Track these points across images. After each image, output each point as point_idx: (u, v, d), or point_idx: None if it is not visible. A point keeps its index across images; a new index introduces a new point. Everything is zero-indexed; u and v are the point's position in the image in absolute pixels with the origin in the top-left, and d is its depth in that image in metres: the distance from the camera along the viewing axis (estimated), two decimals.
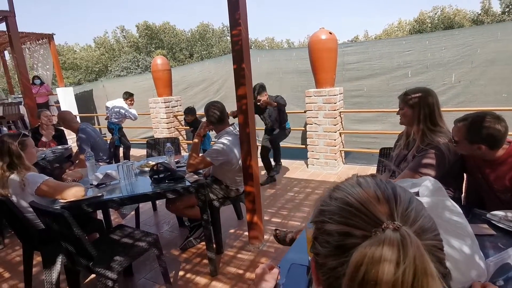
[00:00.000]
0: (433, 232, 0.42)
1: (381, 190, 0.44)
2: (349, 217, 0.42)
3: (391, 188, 0.45)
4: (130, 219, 3.13)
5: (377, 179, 0.47)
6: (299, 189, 3.81)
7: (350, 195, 0.44)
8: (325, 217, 0.45)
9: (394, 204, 0.42)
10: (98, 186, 2.19)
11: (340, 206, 0.44)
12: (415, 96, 1.71)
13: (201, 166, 2.32)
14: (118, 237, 2.03)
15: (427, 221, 0.42)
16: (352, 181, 0.48)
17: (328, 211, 0.45)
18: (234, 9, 2.11)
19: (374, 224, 0.40)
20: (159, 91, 5.88)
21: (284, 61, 5.81)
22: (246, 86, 2.22)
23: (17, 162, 1.91)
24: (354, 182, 0.47)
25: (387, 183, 0.46)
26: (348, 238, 0.41)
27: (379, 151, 2.37)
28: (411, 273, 0.35)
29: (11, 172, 1.89)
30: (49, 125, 3.79)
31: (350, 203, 0.43)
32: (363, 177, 0.48)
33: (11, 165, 1.89)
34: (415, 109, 1.70)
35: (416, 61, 4.63)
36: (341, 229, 0.42)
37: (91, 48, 30.45)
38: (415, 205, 0.43)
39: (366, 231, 0.40)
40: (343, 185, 0.47)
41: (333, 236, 0.43)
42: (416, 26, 27.53)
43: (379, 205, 0.42)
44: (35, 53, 7.83)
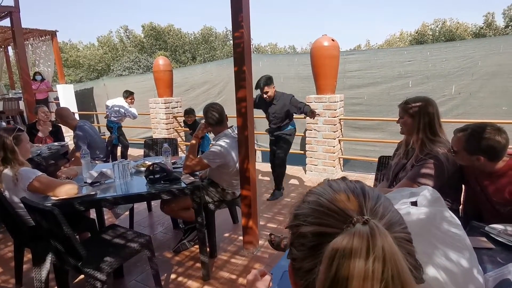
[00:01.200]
0: (401, 225, 0.44)
1: (351, 190, 0.46)
2: (321, 217, 0.43)
3: (360, 187, 0.47)
4: (124, 219, 3.09)
5: (347, 181, 0.49)
6: (296, 195, 3.77)
7: (322, 196, 0.46)
8: (299, 221, 0.46)
9: (363, 200, 0.44)
10: (92, 185, 2.15)
11: (312, 208, 0.45)
12: (415, 105, 1.70)
13: (198, 168, 2.29)
14: (110, 237, 2.00)
15: (394, 215, 0.44)
16: (323, 184, 0.50)
17: (301, 214, 0.46)
18: (237, 12, 2.10)
19: (345, 221, 0.41)
20: (159, 92, 5.87)
21: (286, 66, 5.82)
22: (246, 89, 2.21)
23: (11, 157, 1.88)
24: (325, 185, 0.49)
25: (356, 183, 0.48)
26: (322, 237, 0.42)
27: (378, 159, 2.34)
28: (380, 262, 0.36)
29: (4, 166, 1.86)
30: (46, 121, 3.76)
31: (322, 203, 0.45)
32: (334, 180, 0.50)
33: (5, 160, 1.86)
34: (415, 118, 1.69)
35: (417, 72, 4.64)
36: (315, 229, 0.43)
37: (94, 46, 30.55)
38: (383, 201, 0.45)
39: (338, 229, 0.41)
40: (315, 189, 0.49)
41: (308, 238, 0.44)
42: (417, 38, 27.77)
43: (349, 202, 0.43)
44: (37, 49, 7.84)
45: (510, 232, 1.25)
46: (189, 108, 4.67)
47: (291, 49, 36.63)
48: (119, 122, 5.10)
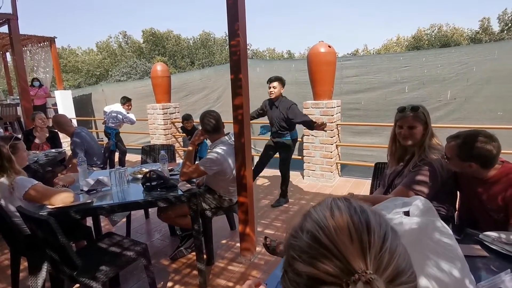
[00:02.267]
0: (407, 273, 0.40)
1: (355, 225, 0.41)
2: (319, 258, 0.40)
3: (365, 221, 0.42)
4: (121, 226, 3.08)
5: (351, 206, 0.45)
6: (294, 201, 3.77)
7: (321, 229, 0.42)
8: (294, 253, 0.43)
9: (368, 244, 0.40)
10: (89, 192, 2.15)
11: (309, 243, 0.42)
12: (426, 113, 1.68)
13: (195, 175, 2.29)
14: (106, 245, 1.99)
15: (401, 260, 0.40)
16: (325, 208, 0.45)
17: (298, 246, 0.43)
18: (233, 20, 2.12)
19: (346, 271, 0.38)
20: (157, 98, 5.89)
21: (283, 72, 5.84)
22: (243, 96, 2.22)
23: (7, 165, 1.88)
24: (327, 210, 0.45)
25: (362, 212, 0.44)
26: (318, 283, 0.39)
27: (374, 165, 2.35)
28: None
29: (1, 175, 1.86)
30: (44, 127, 3.76)
31: (321, 240, 0.41)
32: (337, 202, 0.46)
33: (1, 169, 1.86)
34: (425, 126, 1.65)
35: (413, 77, 4.67)
36: (311, 272, 0.40)
37: (93, 52, 30.65)
38: (389, 243, 0.41)
39: (336, 278, 0.38)
40: (316, 213, 0.45)
41: (303, 278, 0.41)
42: (413, 43, 28.05)
43: (351, 245, 0.39)
44: (36, 55, 7.86)
45: (504, 240, 1.26)
46: (187, 114, 4.68)
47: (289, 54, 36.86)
48: (117, 128, 5.10)
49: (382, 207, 0.99)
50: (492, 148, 1.38)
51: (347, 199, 0.47)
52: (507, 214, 1.38)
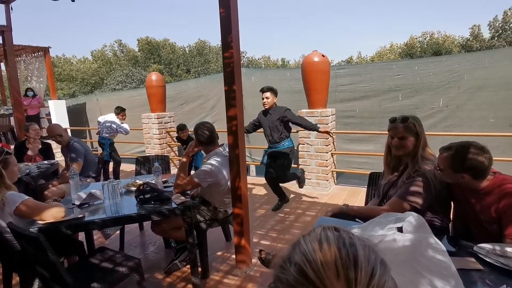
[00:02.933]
0: None
1: (342, 260, 0.41)
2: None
3: (353, 256, 0.42)
4: (115, 239, 3.03)
5: (340, 238, 0.45)
6: (290, 210, 3.75)
7: (308, 262, 0.42)
8: (282, 286, 0.43)
9: (354, 282, 0.40)
10: (81, 206, 2.12)
11: (296, 277, 0.42)
12: (417, 124, 1.69)
13: (189, 187, 2.27)
14: (98, 261, 1.95)
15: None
16: (314, 239, 0.46)
17: (285, 280, 0.43)
18: (226, 32, 2.14)
19: None
20: (152, 107, 5.88)
21: (278, 80, 5.89)
22: (237, 107, 2.23)
23: None
24: (315, 242, 0.45)
25: (351, 246, 0.44)
26: None
27: (369, 175, 2.35)
28: None
29: None
30: (36, 139, 3.72)
31: (308, 275, 0.41)
32: (326, 233, 0.46)
33: None
34: (418, 137, 1.67)
35: (406, 85, 4.74)
36: None
37: (88, 60, 30.65)
38: (377, 280, 0.41)
39: None
40: (305, 245, 0.45)
41: None
42: (406, 50, 28.51)
43: (337, 282, 0.40)
44: (30, 65, 7.84)
45: (499, 252, 1.26)
46: (181, 124, 4.67)
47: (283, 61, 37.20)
48: (111, 138, 5.07)
49: (376, 222, 0.98)
50: (484, 160, 1.39)
51: (337, 229, 0.47)
52: (501, 226, 1.38)
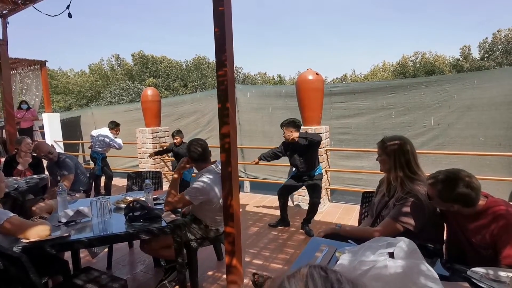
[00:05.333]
0: None
1: None
2: None
3: None
4: (102, 257, 2.93)
5: (328, 280, 0.43)
6: (283, 228, 3.70)
7: None
8: None
9: None
10: (67, 224, 2.06)
11: None
12: (391, 144, 1.74)
13: (180, 205, 2.23)
14: (83, 281, 1.87)
15: None
16: (299, 282, 0.44)
17: None
18: (221, 51, 2.16)
19: None
20: (147, 122, 5.87)
21: (274, 97, 5.95)
22: (230, 125, 2.22)
23: None
24: (302, 285, 0.43)
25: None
26: None
27: (362, 195, 2.34)
28: None
29: None
30: (28, 153, 3.66)
31: None
32: (313, 276, 0.44)
33: None
34: (391, 157, 1.73)
35: (398, 103, 4.82)
36: None
37: (85, 74, 30.83)
38: None
39: None
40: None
41: None
42: (399, 69, 29.28)
43: None
44: (25, 78, 7.83)
45: (492, 277, 1.24)
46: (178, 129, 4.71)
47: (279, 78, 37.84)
48: (103, 153, 5.01)
49: (367, 247, 0.96)
50: (471, 191, 1.38)
51: (324, 269, 0.45)
52: (496, 250, 1.37)
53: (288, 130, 3.40)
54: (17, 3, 3.97)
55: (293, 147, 3.47)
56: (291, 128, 3.39)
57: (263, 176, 5.90)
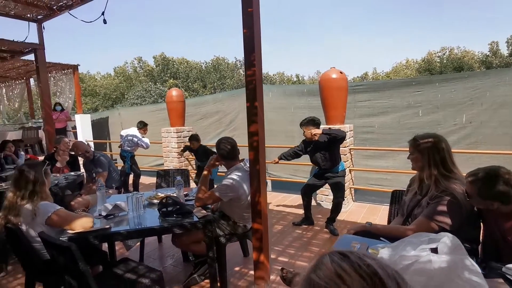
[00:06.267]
0: None
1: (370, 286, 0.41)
2: None
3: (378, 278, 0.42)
4: (135, 251, 3.07)
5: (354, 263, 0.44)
6: (308, 227, 3.70)
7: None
8: None
9: None
10: (106, 217, 2.19)
11: None
12: (424, 142, 1.71)
13: (210, 201, 2.30)
14: (122, 271, 1.98)
15: None
16: (330, 272, 0.44)
17: None
18: (249, 51, 2.22)
19: None
20: (172, 121, 6.04)
21: (296, 96, 5.95)
22: (258, 123, 2.27)
23: (38, 190, 1.94)
24: (333, 275, 0.44)
25: (368, 267, 0.43)
26: None
27: (391, 193, 2.31)
28: None
29: (27, 200, 1.92)
30: (66, 151, 3.90)
31: None
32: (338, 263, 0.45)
33: (31, 194, 1.92)
34: (425, 155, 1.69)
35: (426, 101, 4.67)
36: None
37: (110, 76, 32.10)
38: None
39: None
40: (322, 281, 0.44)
41: None
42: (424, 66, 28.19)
43: None
44: (59, 81, 8.31)
45: None
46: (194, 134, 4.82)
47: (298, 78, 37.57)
48: (132, 152, 5.22)
49: (407, 242, 0.97)
50: (510, 189, 1.35)
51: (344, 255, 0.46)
52: None
53: (307, 128, 3.42)
54: (52, 9, 4.21)
55: (314, 145, 3.48)
56: (311, 126, 3.41)
57: (284, 175, 5.92)
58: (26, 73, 8.55)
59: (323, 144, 3.35)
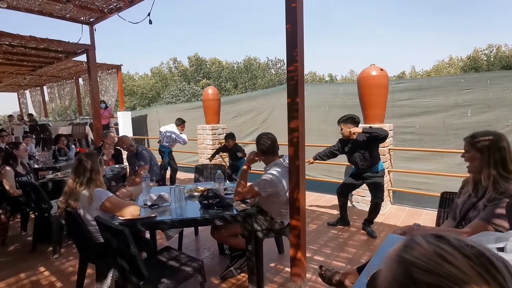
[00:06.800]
0: None
1: (478, 265, 0.39)
2: None
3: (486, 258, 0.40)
4: (173, 242, 3.20)
5: (456, 243, 0.42)
6: (343, 227, 3.61)
7: (446, 279, 0.39)
8: None
9: (504, 282, 0.38)
10: (151, 207, 2.30)
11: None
12: (484, 139, 1.59)
13: (249, 195, 2.33)
14: (165, 259, 2.08)
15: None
16: (430, 254, 0.42)
17: None
18: (292, 47, 2.21)
19: None
20: (207, 119, 6.21)
21: (331, 95, 5.83)
22: (299, 119, 2.26)
23: (94, 178, 2.11)
24: (435, 256, 0.42)
25: (472, 248, 0.41)
26: None
27: (440, 195, 2.19)
28: None
29: (84, 187, 2.09)
30: (111, 145, 4.17)
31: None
32: (437, 244, 0.43)
33: (88, 181, 2.09)
34: (484, 154, 1.57)
35: (476, 100, 4.35)
36: None
37: (147, 76, 33.77)
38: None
39: None
40: (424, 263, 0.42)
41: None
42: (469, 63, 26.23)
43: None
44: (104, 80, 8.90)
45: None
46: (230, 133, 4.87)
47: (330, 77, 36.75)
48: (170, 147, 5.44)
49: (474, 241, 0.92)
50: None
51: (439, 236, 0.44)
52: None
53: (346, 126, 3.32)
54: (103, 12, 4.52)
55: (352, 144, 3.37)
56: (350, 124, 3.30)
57: (316, 175, 5.83)
58: (76, 73, 9.28)
59: (362, 143, 3.24)
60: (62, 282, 2.60)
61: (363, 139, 3.23)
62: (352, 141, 3.35)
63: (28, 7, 4.15)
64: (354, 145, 3.34)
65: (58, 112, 13.35)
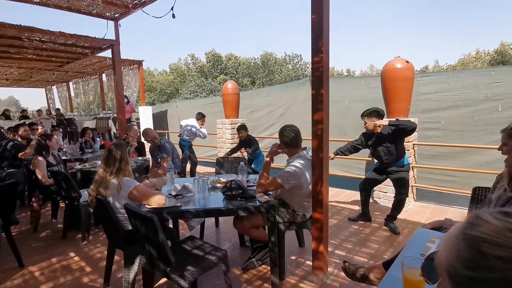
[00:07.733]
0: None
1: None
2: None
3: None
4: (194, 232, 3.26)
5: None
6: (365, 223, 3.56)
7: None
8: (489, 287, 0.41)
9: None
10: (176, 197, 2.36)
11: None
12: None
13: (272, 187, 2.34)
14: (190, 247, 2.13)
15: None
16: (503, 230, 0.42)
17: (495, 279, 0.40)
18: (317, 38, 2.18)
19: None
20: (227, 113, 6.25)
21: (351, 89, 5.71)
22: (323, 111, 2.23)
23: (123, 167, 2.19)
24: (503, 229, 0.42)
25: None
26: None
27: (472, 191, 2.10)
28: None
29: (114, 176, 2.16)
30: (135, 138, 4.29)
31: None
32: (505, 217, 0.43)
33: (118, 170, 2.17)
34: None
35: (508, 94, 4.12)
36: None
37: (166, 73, 34.37)
38: None
39: None
40: (501, 239, 0.42)
41: None
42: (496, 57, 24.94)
43: None
44: (126, 76, 9.14)
45: None
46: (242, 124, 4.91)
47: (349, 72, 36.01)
48: (190, 141, 5.53)
49: None
50: None
51: (506, 212, 0.44)
52: None
53: (370, 120, 3.24)
54: (128, 7, 4.62)
55: (376, 137, 3.29)
56: (374, 118, 3.23)
57: (336, 171, 5.75)
58: (99, 69, 9.57)
59: (387, 136, 3.16)
60: (91, 267, 2.72)
61: (388, 132, 3.15)
62: (376, 135, 3.28)
63: (57, 3, 4.30)
64: (379, 138, 3.27)
65: (83, 107, 13.85)
